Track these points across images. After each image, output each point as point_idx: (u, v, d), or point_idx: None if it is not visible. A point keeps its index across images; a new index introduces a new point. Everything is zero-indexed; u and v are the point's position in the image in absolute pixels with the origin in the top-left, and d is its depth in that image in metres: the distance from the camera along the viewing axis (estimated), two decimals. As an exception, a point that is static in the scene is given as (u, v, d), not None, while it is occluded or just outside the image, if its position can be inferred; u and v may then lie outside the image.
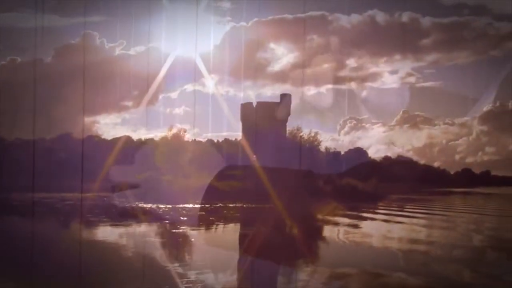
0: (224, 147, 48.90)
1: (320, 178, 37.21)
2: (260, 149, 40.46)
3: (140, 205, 23.64)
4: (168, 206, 22.95)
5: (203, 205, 24.36)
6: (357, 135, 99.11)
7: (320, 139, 44.51)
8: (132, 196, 30.59)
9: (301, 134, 42.60)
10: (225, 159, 40.12)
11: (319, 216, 21.77)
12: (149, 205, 23.40)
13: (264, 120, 41.33)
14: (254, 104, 44.17)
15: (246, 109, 43.98)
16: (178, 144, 39.64)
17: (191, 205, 24.58)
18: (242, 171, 35.26)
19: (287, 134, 43.09)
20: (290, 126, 44.61)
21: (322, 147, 47.20)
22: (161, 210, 20.99)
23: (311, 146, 42.05)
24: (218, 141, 62.21)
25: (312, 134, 43.33)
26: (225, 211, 22.36)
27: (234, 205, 25.78)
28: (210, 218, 18.71)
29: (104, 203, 25.21)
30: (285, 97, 44.20)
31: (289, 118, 44.72)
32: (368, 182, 40.83)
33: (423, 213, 24.61)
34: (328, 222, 19.17)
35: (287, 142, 41.82)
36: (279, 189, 30.98)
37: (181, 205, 24.11)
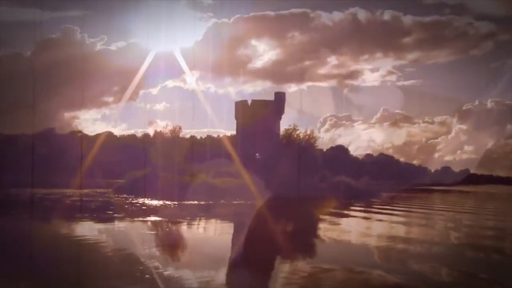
0: (208, 144, 48.59)
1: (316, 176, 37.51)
2: (252, 147, 40.76)
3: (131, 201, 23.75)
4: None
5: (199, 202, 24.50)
6: (337, 133, 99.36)
7: (317, 137, 44.47)
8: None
9: (297, 132, 42.62)
10: (210, 156, 39.97)
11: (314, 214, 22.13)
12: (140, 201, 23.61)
13: (258, 118, 41.43)
14: (249, 102, 44.16)
15: (241, 107, 43.93)
16: (175, 141, 39.34)
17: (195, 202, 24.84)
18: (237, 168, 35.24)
19: (283, 132, 43.18)
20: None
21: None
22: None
23: (307, 145, 42.02)
24: (201, 137, 62.30)
25: (308, 132, 43.34)
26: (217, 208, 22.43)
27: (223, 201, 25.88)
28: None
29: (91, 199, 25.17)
30: (279, 95, 44.34)
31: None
32: (360, 180, 41.39)
33: (403, 210, 24.80)
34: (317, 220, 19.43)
35: (280, 141, 41.97)
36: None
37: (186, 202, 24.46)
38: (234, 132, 46.47)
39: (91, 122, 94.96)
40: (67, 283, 7.58)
